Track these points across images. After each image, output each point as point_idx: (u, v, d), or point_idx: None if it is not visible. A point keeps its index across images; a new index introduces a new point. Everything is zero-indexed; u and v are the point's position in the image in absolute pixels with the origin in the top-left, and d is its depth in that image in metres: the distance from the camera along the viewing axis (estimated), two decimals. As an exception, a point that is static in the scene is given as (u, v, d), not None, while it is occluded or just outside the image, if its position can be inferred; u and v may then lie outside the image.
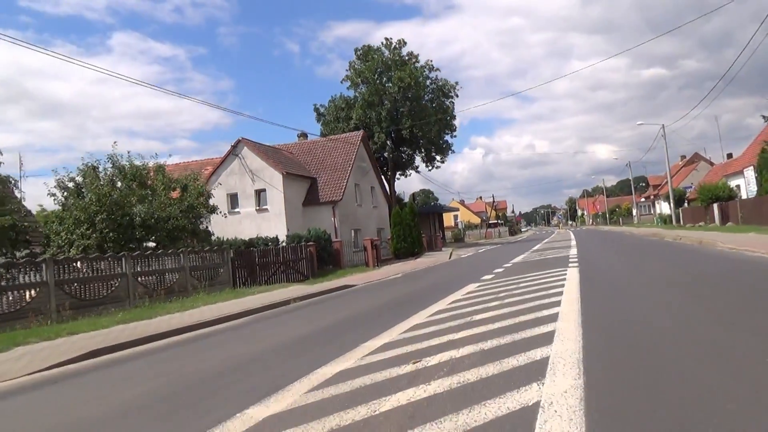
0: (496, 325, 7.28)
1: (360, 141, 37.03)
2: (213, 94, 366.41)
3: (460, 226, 68.89)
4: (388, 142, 47.47)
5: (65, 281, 12.55)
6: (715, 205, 35.70)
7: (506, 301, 9.48)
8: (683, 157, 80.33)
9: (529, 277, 13.44)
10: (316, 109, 48.27)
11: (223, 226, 31.82)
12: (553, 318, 7.30)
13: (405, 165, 48.05)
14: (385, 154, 46.96)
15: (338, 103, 46.99)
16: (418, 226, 32.80)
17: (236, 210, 32.22)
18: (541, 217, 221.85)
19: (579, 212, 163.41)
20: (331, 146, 37.36)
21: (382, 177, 41.76)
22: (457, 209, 60.34)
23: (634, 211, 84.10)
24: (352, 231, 34.54)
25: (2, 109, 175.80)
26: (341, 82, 45.77)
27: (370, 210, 38.35)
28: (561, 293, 9.71)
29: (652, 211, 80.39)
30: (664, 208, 73.47)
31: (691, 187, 61.78)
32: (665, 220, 54.65)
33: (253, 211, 31.79)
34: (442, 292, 11.77)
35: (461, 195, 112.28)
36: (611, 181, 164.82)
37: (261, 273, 19.55)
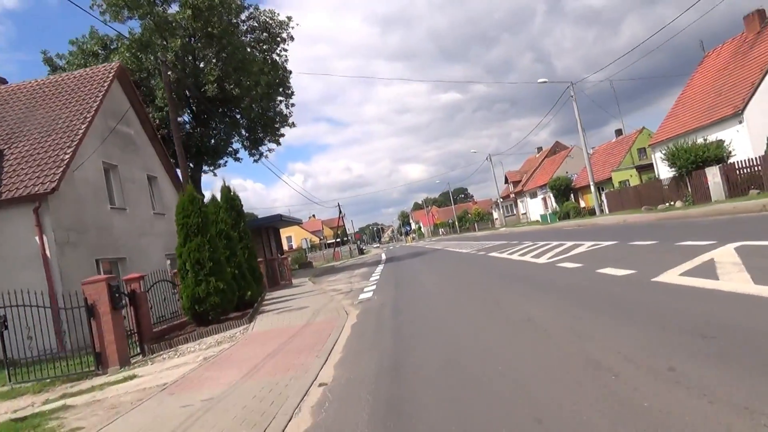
0: None
1: (112, 79, 18.12)
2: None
3: (304, 245, 51.38)
4: (187, 112, 28.66)
5: None
6: (710, 171, 23.23)
7: None
8: (539, 149, 72.28)
9: None
10: (48, 60, 27.47)
11: None
12: None
13: (215, 151, 29.39)
14: (173, 135, 28.12)
15: (88, 46, 27.02)
16: (249, 240, 14.98)
17: None
18: (370, 235, 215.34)
19: (414, 225, 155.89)
20: (48, 92, 17.91)
21: (171, 162, 22.84)
22: (300, 220, 43.02)
23: (495, 214, 73.97)
24: (98, 263, 15.42)
25: None
26: (91, 7, 25.61)
27: (149, 220, 19.47)
28: None
29: (514, 211, 70.79)
30: (531, 204, 63.90)
31: (573, 175, 51.76)
32: (566, 213, 42.95)
33: None
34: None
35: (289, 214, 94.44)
36: (424, 196, 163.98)
37: None
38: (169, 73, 18.49)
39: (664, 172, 33.83)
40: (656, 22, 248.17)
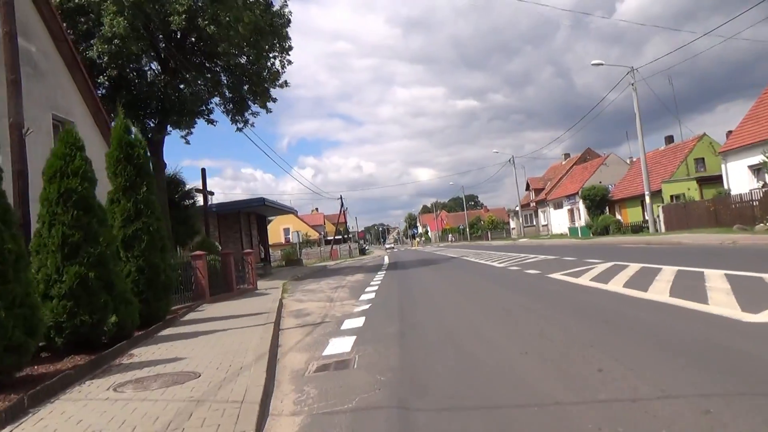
0: None
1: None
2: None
3: (296, 239, 44.86)
4: (148, 62, 22.59)
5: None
6: None
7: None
8: (567, 155, 65.63)
9: None
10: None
11: None
12: None
13: (185, 108, 23.00)
14: (140, 82, 22.14)
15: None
16: (154, 219, 8.73)
17: None
18: (374, 235, 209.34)
19: (421, 229, 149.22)
20: None
21: (101, 105, 16.62)
22: (293, 209, 36.82)
23: (513, 223, 67.37)
24: None
25: None
26: None
27: (46, 182, 13.09)
28: None
29: (534, 222, 64.16)
30: (554, 216, 57.34)
31: (610, 185, 45.16)
32: (603, 228, 36.41)
33: None
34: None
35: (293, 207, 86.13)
36: (433, 200, 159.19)
37: None
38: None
39: (738, 186, 27.50)
40: (678, 44, 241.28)
